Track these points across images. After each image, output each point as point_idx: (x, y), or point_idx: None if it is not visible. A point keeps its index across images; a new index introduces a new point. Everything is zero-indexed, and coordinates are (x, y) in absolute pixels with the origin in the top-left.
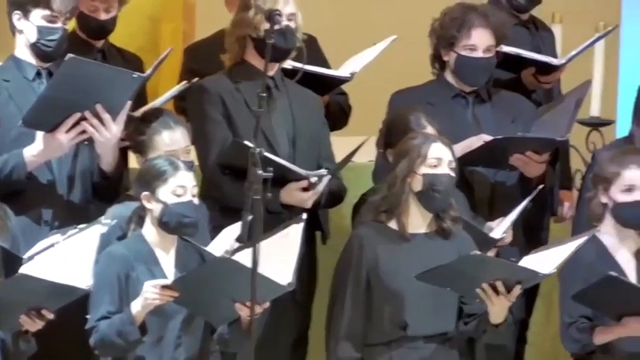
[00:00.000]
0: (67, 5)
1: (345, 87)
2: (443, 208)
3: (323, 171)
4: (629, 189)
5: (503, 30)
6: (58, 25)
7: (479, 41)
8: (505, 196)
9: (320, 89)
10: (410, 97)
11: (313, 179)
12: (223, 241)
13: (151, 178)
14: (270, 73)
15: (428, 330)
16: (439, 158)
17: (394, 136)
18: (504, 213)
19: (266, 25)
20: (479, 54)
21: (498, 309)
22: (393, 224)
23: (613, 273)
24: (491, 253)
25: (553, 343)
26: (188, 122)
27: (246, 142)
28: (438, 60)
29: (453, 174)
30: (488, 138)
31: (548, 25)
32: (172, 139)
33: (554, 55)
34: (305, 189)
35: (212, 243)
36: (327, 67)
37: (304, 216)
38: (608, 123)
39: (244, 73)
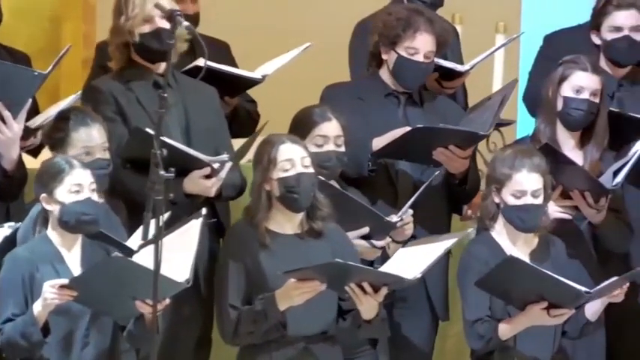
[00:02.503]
0: None
1: (256, 89)
2: (305, 207)
3: (224, 156)
4: (519, 192)
5: (446, 37)
6: None
7: (422, 45)
8: (429, 196)
9: (229, 91)
10: (342, 92)
11: (216, 165)
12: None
13: (48, 179)
14: (160, 70)
15: (308, 330)
16: (290, 159)
17: (297, 128)
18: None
19: (141, 29)
20: (419, 58)
21: (367, 307)
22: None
23: (513, 254)
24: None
25: (456, 342)
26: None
27: (147, 130)
28: (375, 58)
29: (309, 170)
30: None
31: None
32: (89, 136)
33: (460, 58)
34: (208, 177)
35: (131, 238)
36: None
37: (203, 211)
38: (508, 123)
39: (133, 73)
